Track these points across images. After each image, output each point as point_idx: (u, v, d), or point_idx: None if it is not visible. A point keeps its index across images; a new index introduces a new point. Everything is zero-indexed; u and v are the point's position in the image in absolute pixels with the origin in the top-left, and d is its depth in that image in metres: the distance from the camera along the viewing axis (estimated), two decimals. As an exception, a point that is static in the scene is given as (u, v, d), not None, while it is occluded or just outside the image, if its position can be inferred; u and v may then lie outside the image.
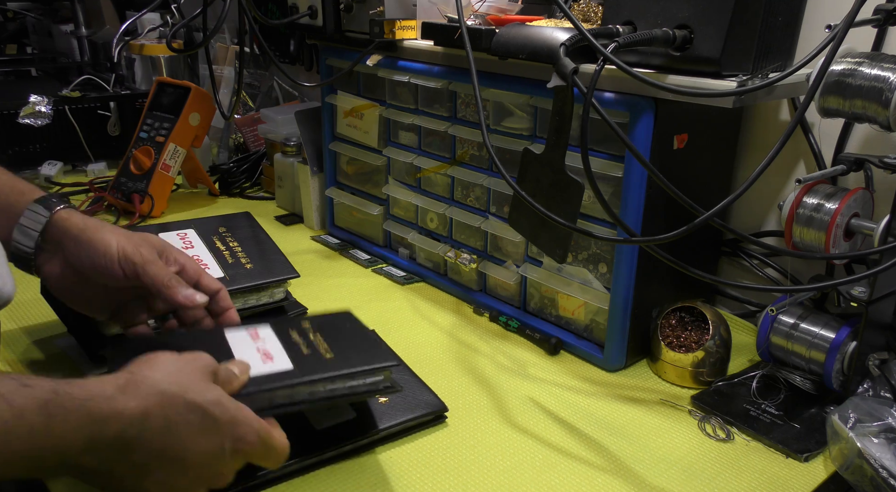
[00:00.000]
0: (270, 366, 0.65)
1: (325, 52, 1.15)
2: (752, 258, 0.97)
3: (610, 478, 0.68)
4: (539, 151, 0.78)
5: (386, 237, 1.16)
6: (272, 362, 0.65)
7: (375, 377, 0.68)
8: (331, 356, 0.68)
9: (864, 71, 0.69)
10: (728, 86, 0.68)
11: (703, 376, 0.82)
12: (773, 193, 0.95)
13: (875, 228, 0.73)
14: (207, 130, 1.36)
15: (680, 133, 0.81)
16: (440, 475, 0.67)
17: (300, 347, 0.68)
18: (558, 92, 0.71)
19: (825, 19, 0.67)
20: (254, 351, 0.67)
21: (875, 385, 0.72)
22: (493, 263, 0.99)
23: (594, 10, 0.92)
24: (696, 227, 0.63)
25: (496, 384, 0.82)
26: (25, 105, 1.42)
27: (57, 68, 1.98)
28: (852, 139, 0.86)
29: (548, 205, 0.73)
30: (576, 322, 0.91)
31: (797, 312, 0.80)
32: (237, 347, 0.67)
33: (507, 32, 0.82)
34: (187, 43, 1.56)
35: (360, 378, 0.67)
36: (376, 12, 0.99)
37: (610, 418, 0.77)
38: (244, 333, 0.69)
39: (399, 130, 1.09)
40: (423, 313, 0.99)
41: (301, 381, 0.64)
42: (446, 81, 0.96)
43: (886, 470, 0.62)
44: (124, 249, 0.68)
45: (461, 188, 1.01)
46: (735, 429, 0.75)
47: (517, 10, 0.98)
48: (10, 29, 2.31)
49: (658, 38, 0.70)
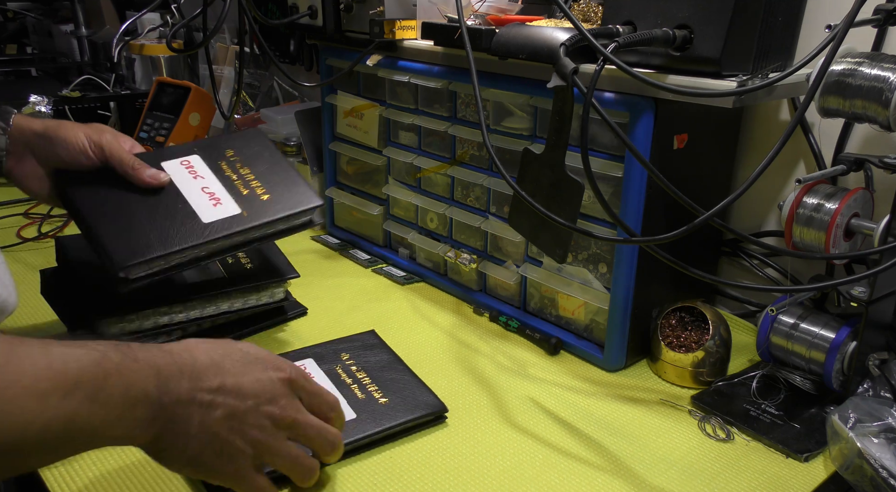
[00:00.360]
0: (221, 210, 0.81)
1: (325, 52, 1.15)
2: (752, 258, 0.97)
3: (610, 478, 0.68)
4: (539, 151, 0.78)
5: (386, 237, 1.16)
6: (222, 206, 0.81)
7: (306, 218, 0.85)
8: (268, 197, 0.83)
9: (864, 71, 0.69)
10: (728, 86, 0.68)
11: (703, 376, 0.82)
12: (773, 193, 0.95)
13: (875, 228, 0.73)
14: (207, 130, 1.36)
15: (680, 133, 0.81)
16: (440, 475, 0.67)
17: (237, 186, 0.84)
18: (558, 92, 0.71)
19: (825, 19, 0.67)
20: (200, 191, 0.82)
21: (875, 385, 0.72)
22: (493, 263, 0.99)
23: (594, 10, 0.92)
24: (696, 227, 0.63)
25: (496, 384, 0.82)
26: (25, 105, 1.42)
27: (57, 68, 1.98)
28: (852, 139, 0.86)
29: (548, 205, 0.73)
30: (576, 322, 0.91)
31: (797, 312, 0.80)
32: (183, 186, 0.82)
33: (507, 32, 0.81)
34: (187, 43, 1.56)
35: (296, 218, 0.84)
36: (376, 12, 0.99)
37: (610, 418, 0.77)
38: (178, 163, 0.85)
39: (399, 130, 1.09)
40: (423, 313, 0.99)
41: (252, 225, 0.80)
42: (446, 81, 0.96)
43: (886, 470, 0.62)
44: (90, 137, 0.80)
45: (461, 188, 1.01)
46: (735, 429, 0.75)
47: (517, 10, 0.98)
48: (10, 29, 2.31)
49: (658, 38, 0.70)
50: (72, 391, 0.48)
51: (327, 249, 1.20)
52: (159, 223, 0.78)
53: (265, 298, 0.91)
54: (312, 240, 1.23)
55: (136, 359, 0.52)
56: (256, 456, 0.58)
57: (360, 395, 0.76)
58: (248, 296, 0.89)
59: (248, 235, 0.82)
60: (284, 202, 0.84)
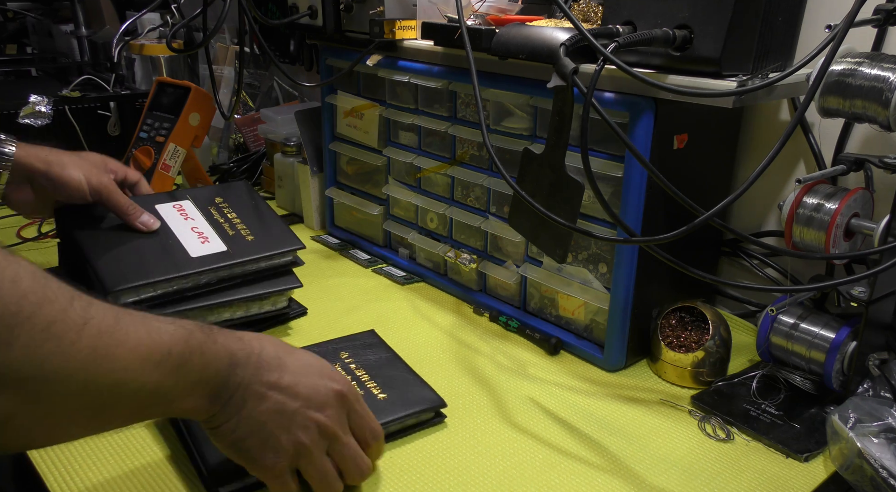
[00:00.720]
0: (208, 247, 0.87)
1: (325, 52, 1.15)
2: (752, 258, 0.97)
3: (610, 478, 0.68)
4: (539, 151, 0.78)
5: (386, 237, 1.16)
6: (209, 244, 0.87)
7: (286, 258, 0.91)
8: (252, 238, 0.89)
9: (864, 71, 0.69)
10: (728, 86, 0.68)
11: (703, 376, 0.82)
12: (773, 193, 0.95)
13: (875, 228, 0.73)
14: (207, 130, 1.36)
15: (680, 133, 0.81)
16: (440, 475, 0.67)
17: (224, 228, 0.90)
18: (558, 92, 0.71)
19: (825, 19, 0.67)
20: (189, 230, 0.89)
21: (875, 385, 0.72)
22: (493, 263, 0.99)
23: (594, 10, 0.92)
24: (696, 227, 0.63)
25: (496, 384, 0.82)
26: (25, 105, 1.42)
27: (57, 68, 1.97)
28: (852, 139, 0.86)
29: (548, 205, 0.73)
30: (576, 322, 0.91)
31: (797, 312, 0.80)
32: (174, 225, 0.90)
33: (507, 32, 0.81)
34: (187, 43, 1.56)
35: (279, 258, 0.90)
36: (376, 12, 0.99)
37: (610, 418, 0.77)
38: (171, 206, 0.92)
39: (399, 130, 1.09)
40: (423, 313, 0.99)
41: (236, 262, 0.86)
42: (446, 81, 0.96)
43: (886, 470, 0.62)
44: (90, 181, 0.87)
45: (461, 188, 1.01)
46: (735, 429, 0.75)
47: (517, 10, 0.98)
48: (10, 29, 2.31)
49: (658, 38, 0.70)
50: (164, 361, 0.52)
51: (327, 249, 1.20)
52: (150, 255, 0.85)
53: (268, 307, 0.91)
54: (312, 240, 1.23)
55: (215, 341, 0.57)
56: (295, 457, 0.60)
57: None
58: (251, 305, 0.89)
59: (232, 271, 0.87)
60: (268, 243, 0.90)
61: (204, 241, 0.88)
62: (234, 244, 0.88)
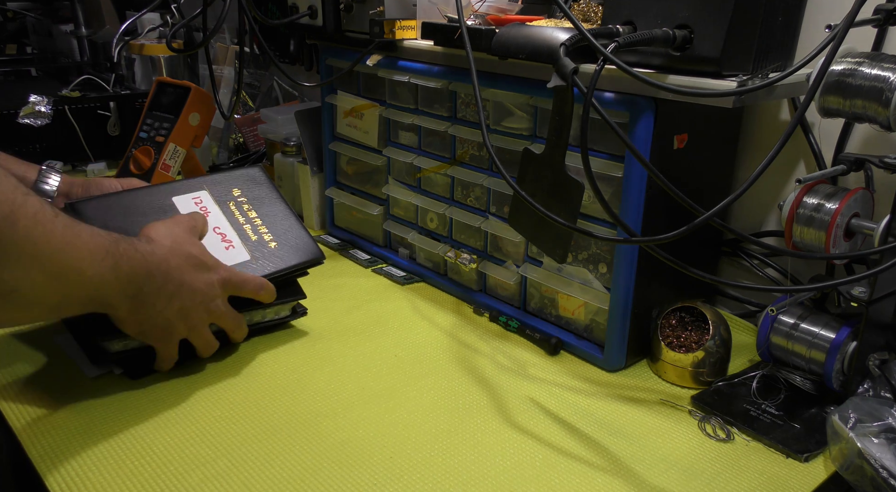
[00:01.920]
0: (233, 255, 0.86)
1: (325, 52, 1.15)
2: (752, 258, 0.97)
3: (610, 478, 0.68)
4: (539, 151, 0.78)
5: (386, 237, 1.16)
6: (234, 250, 0.86)
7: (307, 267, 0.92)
8: (275, 245, 0.90)
9: (864, 71, 0.69)
10: (728, 86, 0.68)
11: (703, 376, 0.82)
12: (773, 193, 0.95)
13: (875, 228, 0.73)
14: (207, 130, 1.36)
15: (680, 133, 0.81)
16: (440, 475, 0.67)
17: (246, 231, 0.89)
18: (558, 92, 0.71)
19: (825, 19, 0.67)
20: (212, 232, 0.87)
21: (875, 385, 0.72)
22: (493, 263, 0.99)
23: (594, 10, 0.92)
24: (696, 227, 0.63)
25: (496, 384, 0.82)
26: (25, 105, 1.42)
27: (57, 68, 1.97)
28: (852, 139, 0.86)
29: (548, 205, 0.73)
30: (576, 322, 0.91)
31: (797, 312, 0.80)
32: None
33: (507, 32, 0.81)
34: (187, 43, 1.56)
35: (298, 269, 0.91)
36: (376, 12, 0.99)
37: (610, 418, 0.77)
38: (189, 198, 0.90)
39: (399, 130, 1.09)
40: (423, 313, 0.99)
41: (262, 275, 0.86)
42: (446, 81, 0.96)
43: (886, 470, 0.62)
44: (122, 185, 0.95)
45: (461, 188, 1.01)
46: (735, 429, 0.75)
47: (517, 10, 0.98)
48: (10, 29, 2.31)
49: (658, 38, 0.70)
50: (104, 259, 0.66)
51: (327, 250, 1.20)
52: None
53: (270, 315, 0.91)
54: (312, 240, 1.24)
55: (136, 250, 0.71)
56: (184, 332, 0.78)
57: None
58: (253, 314, 0.88)
59: None
60: (289, 253, 0.91)
61: (228, 246, 0.86)
62: (257, 251, 0.87)
